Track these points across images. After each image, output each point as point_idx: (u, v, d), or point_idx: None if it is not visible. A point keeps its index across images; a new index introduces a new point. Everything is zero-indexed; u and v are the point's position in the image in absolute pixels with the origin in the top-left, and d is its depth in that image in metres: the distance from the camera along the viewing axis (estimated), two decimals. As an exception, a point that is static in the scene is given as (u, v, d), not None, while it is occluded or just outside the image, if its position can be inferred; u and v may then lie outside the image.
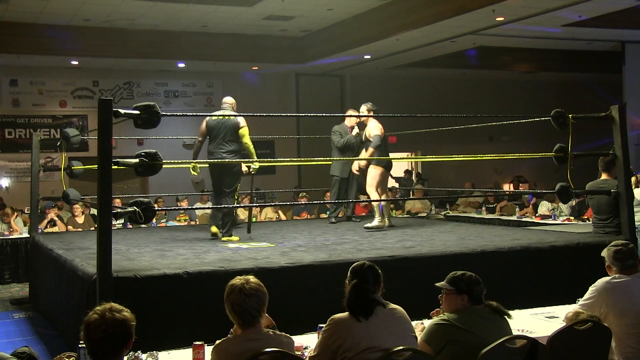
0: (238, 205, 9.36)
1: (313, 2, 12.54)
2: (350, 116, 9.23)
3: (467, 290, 3.78)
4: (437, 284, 3.91)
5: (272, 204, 13.05)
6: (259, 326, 3.46)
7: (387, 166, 8.72)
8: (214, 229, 7.82)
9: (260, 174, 10.48)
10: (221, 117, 7.72)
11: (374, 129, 8.52)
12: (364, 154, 8.73)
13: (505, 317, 3.81)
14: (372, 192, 8.59)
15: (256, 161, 7.92)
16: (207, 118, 7.93)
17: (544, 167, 18.39)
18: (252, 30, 14.53)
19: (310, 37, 15.17)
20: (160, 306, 5.06)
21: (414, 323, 3.81)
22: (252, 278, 3.53)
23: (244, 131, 7.73)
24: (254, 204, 10.70)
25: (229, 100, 8.06)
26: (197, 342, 3.87)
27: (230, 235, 7.76)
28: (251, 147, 7.77)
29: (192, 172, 7.83)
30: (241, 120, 7.76)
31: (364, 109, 8.69)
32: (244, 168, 8.36)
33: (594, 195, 7.09)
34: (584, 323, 3.87)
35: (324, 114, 10.13)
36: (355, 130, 9.35)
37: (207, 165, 8.03)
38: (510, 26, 12.71)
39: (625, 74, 15.01)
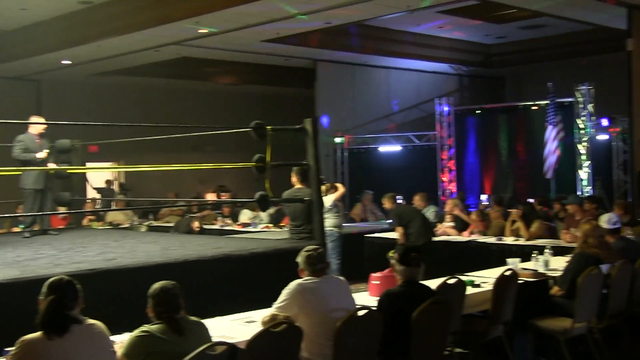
0: None
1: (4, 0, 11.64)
2: (36, 123, 8.66)
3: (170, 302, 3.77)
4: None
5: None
6: None
7: None
8: None
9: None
10: None
11: None
12: None
13: (202, 325, 3.88)
14: None
15: None
16: None
17: (246, 177, 18.98)
18: None
19: (4, 37, 14.03)
20: None
21: (118, 337, 3.71)
22: None
23: None
24: None
25: None
26: None
27: None
28: None
29: None
30: None
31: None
32: None
33: (290, 203, 7.55)
34: (279, 325, 4.08)
35: (17, 121, 9.38)
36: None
37: None
38: (214, 38, 13.01)
39: (317, 90, 16.32)
